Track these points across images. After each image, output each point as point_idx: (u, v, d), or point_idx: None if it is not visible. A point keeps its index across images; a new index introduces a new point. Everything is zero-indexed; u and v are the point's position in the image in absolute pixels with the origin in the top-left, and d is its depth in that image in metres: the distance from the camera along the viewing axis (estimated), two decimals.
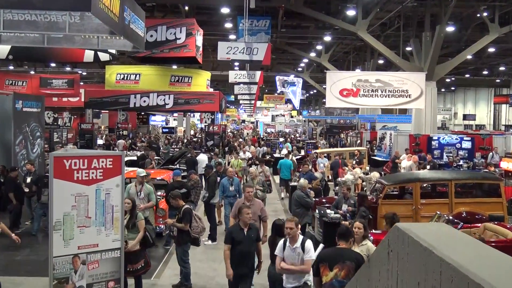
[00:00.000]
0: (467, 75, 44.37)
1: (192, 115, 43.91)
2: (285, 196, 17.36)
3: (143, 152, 18.79)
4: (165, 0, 24.13)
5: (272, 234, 6.94)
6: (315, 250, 6.02)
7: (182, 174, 12.18)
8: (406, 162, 17.70)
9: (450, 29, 24.09)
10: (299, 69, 45.92)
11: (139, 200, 10.00)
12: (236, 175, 12.74)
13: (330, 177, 18.56)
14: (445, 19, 22.18)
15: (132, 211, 7.32)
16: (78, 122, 30.65)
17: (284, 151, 21.77)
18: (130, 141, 28.53)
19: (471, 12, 25.20)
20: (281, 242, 6.03)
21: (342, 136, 40.50)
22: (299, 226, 6.47)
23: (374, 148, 27.06)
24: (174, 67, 32.26)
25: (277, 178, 19.91)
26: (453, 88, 56.62)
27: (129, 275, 7.22)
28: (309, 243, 5.92)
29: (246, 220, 6.64)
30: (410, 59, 26.15)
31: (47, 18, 8.57)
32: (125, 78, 31.54)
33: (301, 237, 5.99)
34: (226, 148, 26.58)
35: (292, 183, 14.61)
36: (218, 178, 12.54)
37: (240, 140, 33.35)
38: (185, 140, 33.10)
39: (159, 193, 11.60)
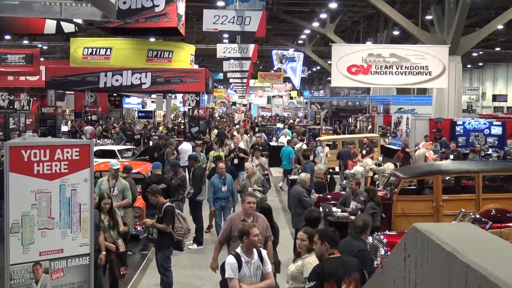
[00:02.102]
0: (497, 49, 44.43)
1: (173, 96, 43.73)
2: (283, 188, 17.34)
3: (159, 140, 18.49)
4: None
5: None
6: None
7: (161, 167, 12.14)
8: (423, 151, 17.72)
9: None
10: (300, 41, 45.80)
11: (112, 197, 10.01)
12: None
13: (336, 169, 18.59)
14: None
15: (111, 209, 7.88)
16: (38, 105, 30.45)
17: (283, 139, 21.74)
18: (100, 127, 28.41)
19: None
20: (231, 259, 5.65)
21: (350, 121, 40.52)
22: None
23: (388, 134, 27.12)
24: (152, 39, 32.07)
25: (274, 171, 19.92)
26: (481, 64, 56.72)
27: (121, 280, 7.83)
28: (265, 252, 5.85)
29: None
30: (431, 30, 26.11)
31: None
32: (93, 53, 31.34)
33: None
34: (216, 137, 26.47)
35: (292, 176, 14.43)
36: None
37: (237, 126, 33.16)
38: (170, 126, 32.84)
39: None
